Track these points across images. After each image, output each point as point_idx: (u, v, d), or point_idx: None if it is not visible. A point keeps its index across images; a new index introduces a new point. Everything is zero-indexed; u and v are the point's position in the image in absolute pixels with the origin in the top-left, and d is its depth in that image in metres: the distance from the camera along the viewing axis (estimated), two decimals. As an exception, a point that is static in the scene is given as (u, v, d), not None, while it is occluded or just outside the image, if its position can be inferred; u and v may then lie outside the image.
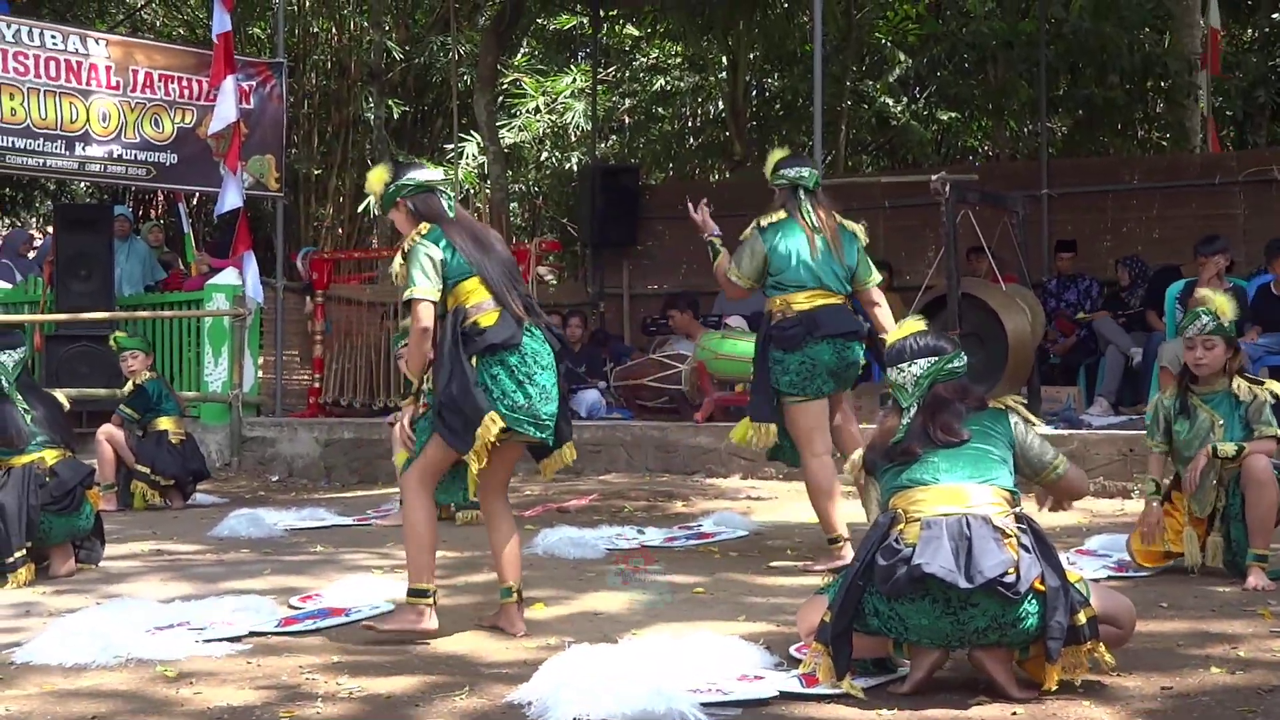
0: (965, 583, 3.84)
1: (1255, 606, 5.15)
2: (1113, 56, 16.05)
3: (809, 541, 7.04)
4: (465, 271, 4.92)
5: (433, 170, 5.27)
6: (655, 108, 20.60)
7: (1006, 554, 3.91)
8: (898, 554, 3.96)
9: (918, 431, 4.22)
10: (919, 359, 4.34)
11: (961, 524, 3.96)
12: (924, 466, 4.14)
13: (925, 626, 3.95)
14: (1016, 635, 3.94)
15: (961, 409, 4.25)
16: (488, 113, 16.58)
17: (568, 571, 6.33)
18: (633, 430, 10.21)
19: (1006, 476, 4.16)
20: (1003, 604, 3.88)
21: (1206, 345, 5.81)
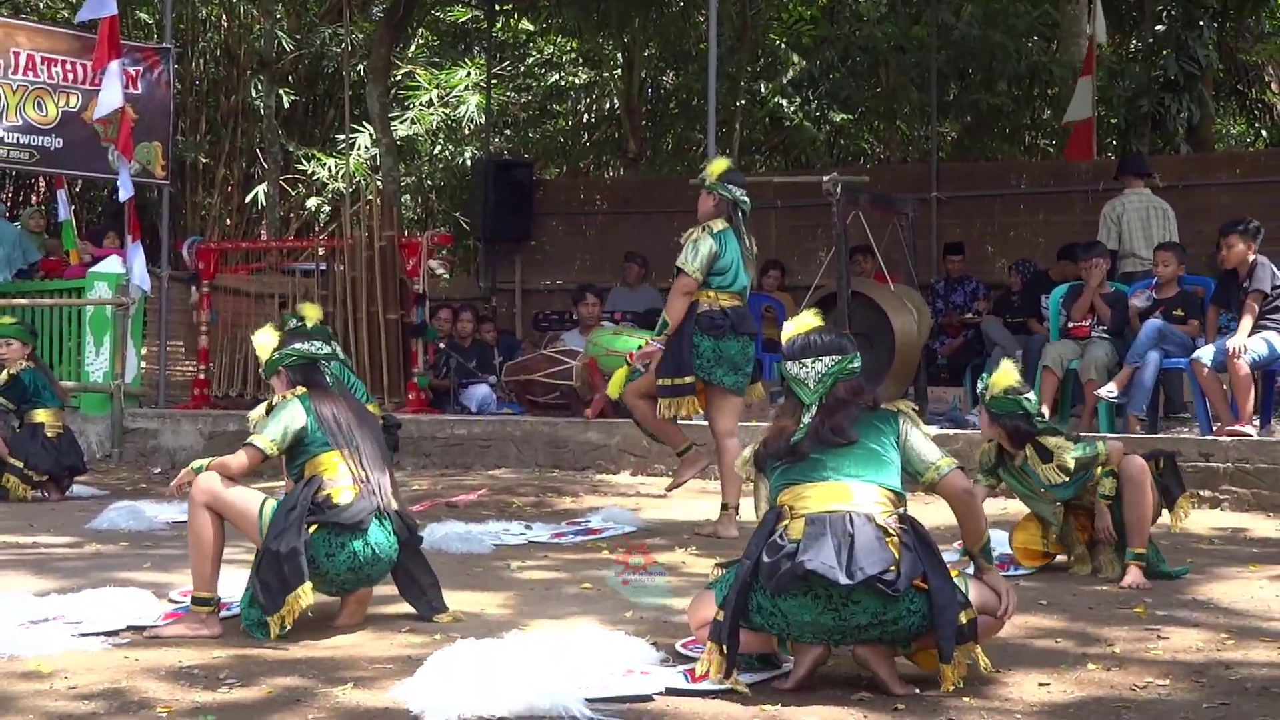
0: (846, 579, 3.86)
1: (1132, 604, 5.26)
2: (1000, 63, 16.33)
3: (697, 539, 7.05)
4: (324, 445, 5.03)
5: (318, 345, 5.32)
6: (550, 103, 20.58)
7: (888, 552, 3.93)
8: (781, 550, 3.97)
9: (811, 431, 4.22)
10: (824, 356, 4.30)
11: (845, 521, 3.98)
12: (811, 464, 4.14)
13: (808, 622, 3.96)
14: (898, 632, 3.98)
15: (855, 410, 4.24)
16: (380, 104, 16.44)
17: (455, 567, 6.29)
18: (523, 426, 10.18)
19: (893, 477, 4.16)
20: (883, 601, 3.91)
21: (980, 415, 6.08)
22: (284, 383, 5.25)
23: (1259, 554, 6.42)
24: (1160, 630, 4.80)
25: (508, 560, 6.49)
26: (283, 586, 4.79)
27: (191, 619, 4.97)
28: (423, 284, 12.00)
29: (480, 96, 18.12)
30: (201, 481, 4.98)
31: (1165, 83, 15.91)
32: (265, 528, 4.90)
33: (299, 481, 5.05)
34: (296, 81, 21.11)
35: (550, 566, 6.32)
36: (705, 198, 7.19)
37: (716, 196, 7.13)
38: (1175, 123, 15.95)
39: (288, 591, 4.78)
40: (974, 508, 4.29)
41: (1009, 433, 5.91)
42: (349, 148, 17.87)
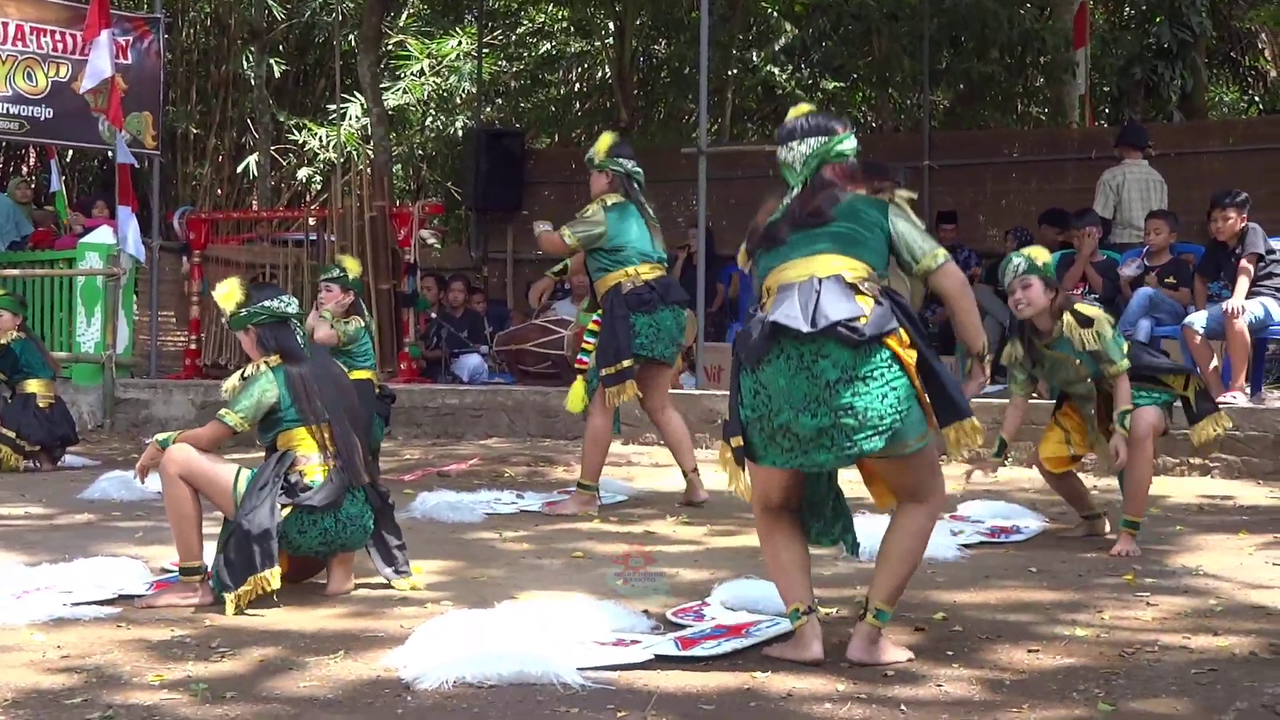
0: (808, 326, 3.80)
1: (1121, 572, 5.27)
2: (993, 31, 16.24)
3: (686, 508, 7.07)
4: (296, 420, 5.03)
5: (286, 299, 5.25)
6: (541, 72, 20.49)
7: (855, 304, 3.85)
8: (754, 318, 3.96)
9: (788, 214, 4.09)
10: (808, 138, 4.15)
11: (813, 282, 3.91)
12: (790, 246, 4.04)
13: (784, 388, 3.88)
14: (871, 403, 3.82)
15: (836, 193, 4.07)
16: (371, 74, 16.34)
17: (446, 536, 6.30)
18: (514, 395, 10.18)
19: (871, 255, 4.01)
20: (853, 353, 3.81)
21: (1024, 285, 5.86)
22: (253, 341, 5.18)
23: (1248, 521, 6.44)
24: (1149, 598, 4.82)
25: (499, 529, 6.50)
26: (248, 567, 4.79)
27: (182, 587, 4.98)
28: (414, 254, 11.98)
29: (471, 66, 18.05)
30: (173, 453, 4.98)
31: (1158, 50, 15.88)
32: (239, 499, 4.91)
33: (271, 453, 5.06)
34: (287, 51, 21.03)
35: (542, 536, 6.33)
36: (597, 177, 7.20)
37: (609, 173, 7.16)
38: (1168, 90, 15.93)
39: (252, 572, 4.79)
40: (971, 303, 4.21)
41: (1052, 301, 5.85)
42: (340, 118, 17.81)
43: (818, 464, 3.93)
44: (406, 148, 19.93)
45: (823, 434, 3.85)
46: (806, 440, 3.88)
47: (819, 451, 3.88)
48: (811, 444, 3.88)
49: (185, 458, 4.97)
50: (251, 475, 4.96)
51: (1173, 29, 15.66)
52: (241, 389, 5.06)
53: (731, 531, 6.27)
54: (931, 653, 4.09)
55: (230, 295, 5.21)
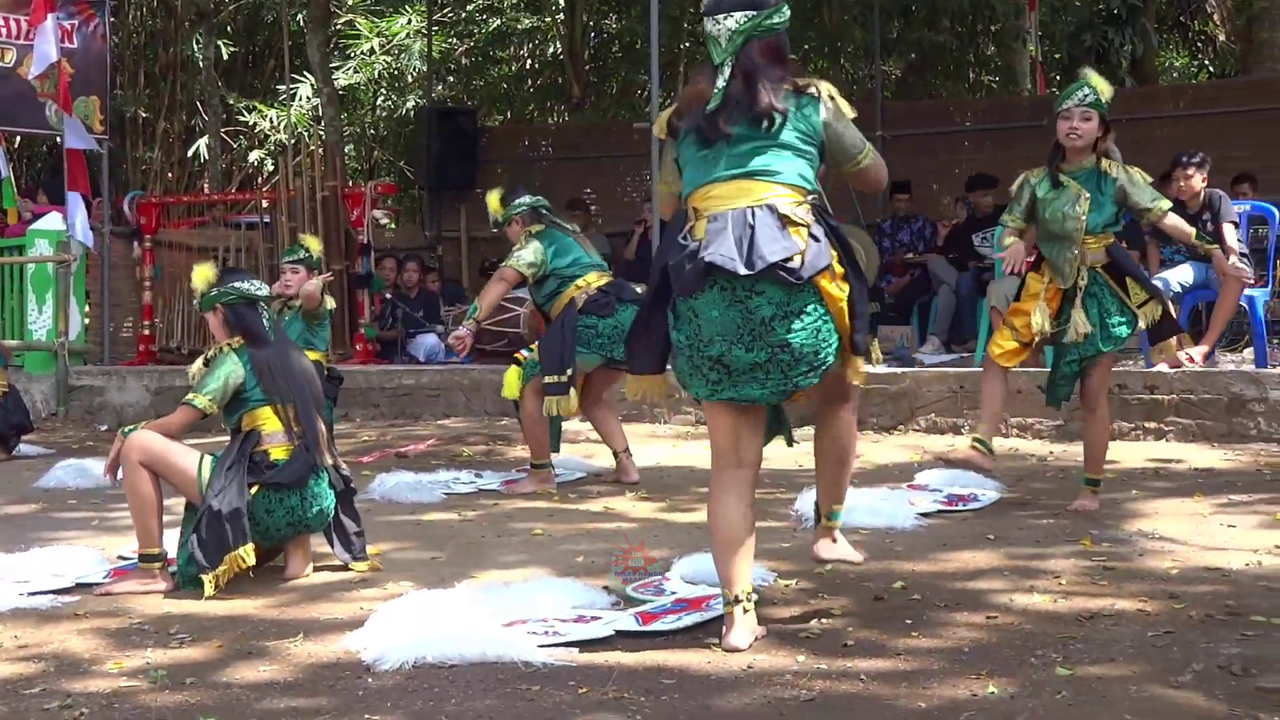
0: (745, 269, 3.79)
1: (1078, 537, 5.31)
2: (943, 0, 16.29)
3: (647, 482, 7.09)
4: (262, 400, 5.05)
5: (256, 283, 5.29)
6: (492, 49, 20.40)
7: (790, 241, 3.83)
8: (685, 249, 3.91)
9: (728, 100, 3.95)
10: (735, 12, 4.00)
11: (747, 214, 3.86)
12: (725, 156, 3.93)
13: (717, 319, 3.87)
14: (805, 336, 3.85)
15: (775, 76, 3.96)
16: (321, 54, 16.25)
17: (405, 516, 6.29)
18: (471, 374, 10.14)
19: (805, 167, 3.96)
20: (787, 291, 3.82)
21: (1084, 116, 5.83)
22: (220, 321, 5.20)
23: (1203, 484, 6.50)
24: (1106, 561, 4.86)
25: (458, 509, 6.50)
26: (221, 546, 4.80)
27: (141, 575, 4.96)
28: (367, 234, 11.92)
29: (422, 44, 17.95)
30: (135, 440, 4.96)
31: (1108, 16, 15.92)
32: (205, 485, 4.90)
33: (235, 434, 5.06)
34: (235, 32, 20.85)
35: (501, 515, 6.32)
36: (509, 229, 7.41)
37: (516, 219, 7.34)
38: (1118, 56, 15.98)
39: (227, 550, 4.80)
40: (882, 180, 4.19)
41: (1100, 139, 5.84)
42: (290, 98, 17.70)
43: (749, 398, 3.95)
44: (358, 127, 19.82)
45: (757, 368, 3.88)
46: (738, 373, 3.90)
47: (751, 385, 3.91)
48: (743, 377, 3.90)
49: (147, 444, 4.95)
50: (215, 460, 4.96)
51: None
52: (207, 372, 5.07)
53: (690, 506, 6.28)
54: (891, 622, 4.11)
55: (202, 275, 5.28)
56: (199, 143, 19.36)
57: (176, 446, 5.01)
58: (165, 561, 4.97)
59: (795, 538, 5.45)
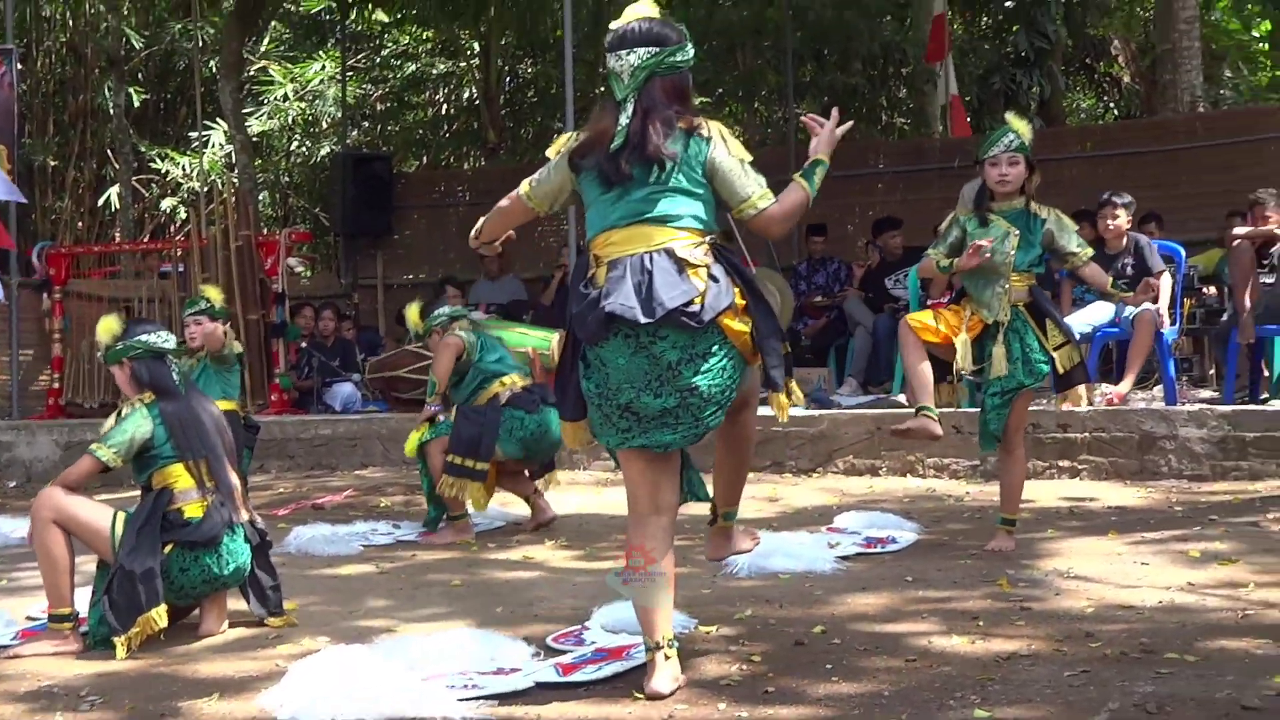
0: (645, 317, 3.80)
1: (995, 577, 5.36)
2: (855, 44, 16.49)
3: (566, 530, 7.07)
4: (172, 456, 4.95)
5: (164, 335, 5.19)
6: (408, 95, 20.39)
7: (689, 284, 3.84)
8: (587, 298, 3.93)
9: (630, 143, 3.92)
10: (639, 47, 3.99)
11: (644, 260, 3.87)
12: (619, 203, 3.94)
13: (624, 365, 3.90)
14: (714, 379, 3.88)
15: (673, 119, 3.94)
16: (234, 100, 16.16)
17: (322, 570, 6.23)
18: (389, 423, 10.09)
19: (700, 209, 3.95)
20: (690, 335, 3.84)
21: (1011, 161, 5.92)
22: (127, 375, 5.11)
23: (1116, 522, 6.58)
24: (1023, 602, 4.90)
25: (376, 561, 6.44)
26: (133, 607, 4.72)
27: (51, 636, 4.87)
28: (282, 283, 11.84)
29: (336, 89, 17.90)
30: (46, 498, 4.87)
31: (1016, 59, 16.22)
32: (117, 543, 4.81)
33: (147, 492, 4.98)
34: (147, 79, 20.68)
35: (419, 567, 6.28)
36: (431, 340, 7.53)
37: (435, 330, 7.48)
38: (1027, 98, 16.27)
39: (139, 612, 4.72)
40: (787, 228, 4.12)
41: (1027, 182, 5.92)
42: (203, 146, 17.54)
43: (662, 444, 3.94)
44: (272, 174, 19.69)
45: (667, 414, 3.89)
46: (648, 420, 3.91)
47: (662, 431, 3.92)
48: (654, 423, 3.91)
49: (59, 503, 4.86)
50: (128, 516, 4.87)
51: (1029, 37, 16.02)
52: (116, 425, 4.98)
53: (611, 554, 6.27)
54: (811, 668, 4.12)
55: (107, 328, 5.16)
56: (110, 191, 19.14)
57: (89, 503, 4.92)
58: (76, 622, 4.88)
59: (715, 584, 5.45)
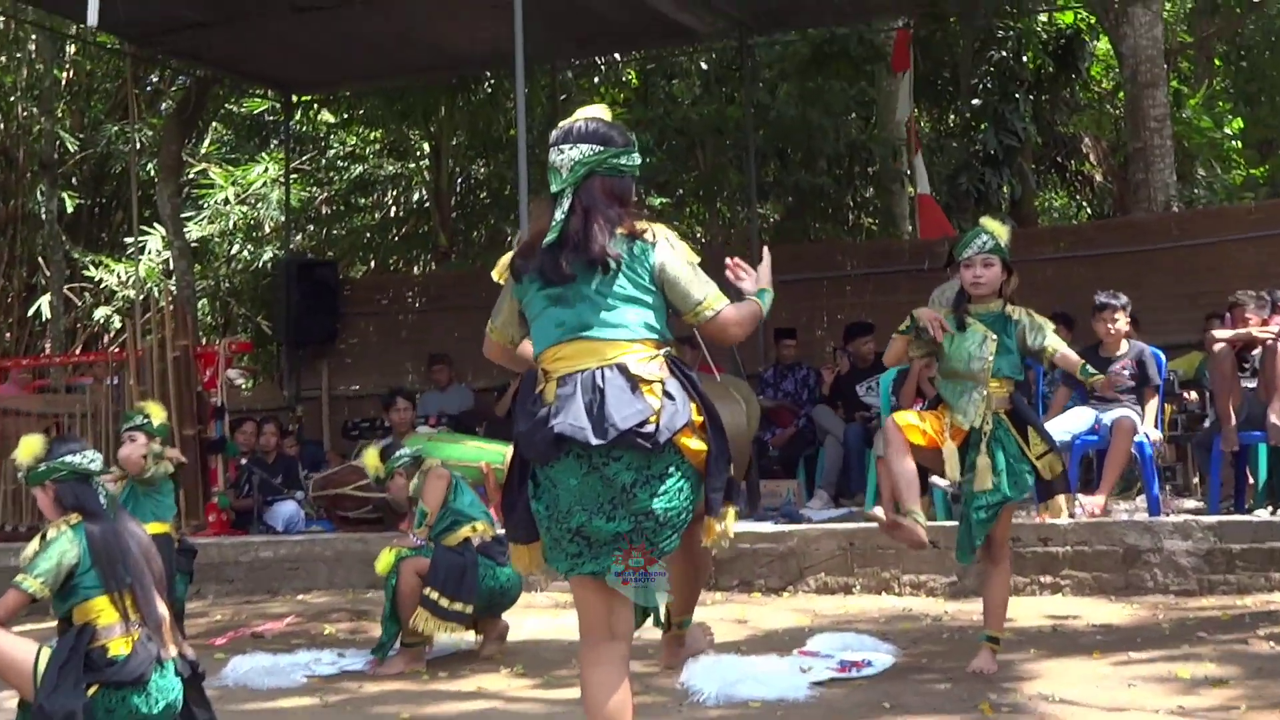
0: (597, 439, 3.77)
1: (977, 701, 5.29)
2: (819, 142, 16.67)
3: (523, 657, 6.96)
4: (96, 587, 4.83)
5: (90, 455, 5.11)
6: (354, 197, 20.45)
7: (643, 403, 3.82)
8: (535, 417, 3.89)
9: (567, 241, 3.93)
10: (582, 144, 4.04)
11: (595, 377, 3.85)
12: (564, 313, 3.93)
13: (576, 487, 3.85)
14: (670, 499, 3.85)
15: (614, 217, 3.94)
16: (172, 205, 16.19)
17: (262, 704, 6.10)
18: (334, 544, 9.96)
19: (651, 316, 3.96)
20: (645, 455, 3.81)
21: (986, 263, 6.02)
22: (50, 498, 5.01)
23: (1101, 641, 6.54)
24: (1006, 729, 4.84)
25: (319, 693, 6.33)
26: None
27: None
28: (221, 396, 11.76)
29: (280, 192, 17.93)
30: None
31: (985, 158, 16.40)
32: (39, 681, 4.69)
33: (68, 626, 4.85)
34: (82, 183, 20.69)
35: (366, 699, 6.17)
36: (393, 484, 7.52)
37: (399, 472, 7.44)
38: (997, 198, 16.44)
39: None
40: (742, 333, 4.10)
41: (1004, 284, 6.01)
42: (139, 252, 17.51)
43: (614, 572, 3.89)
44: (212, 281, 19.66)
45: (620, 538, 3.85)
46: (600, 544, 3.86)
47: (614, 557, 3.86)
48: (606, 548, 3.86)
49: None
50: (53, 653, 4.74)
51: (998, 135, 16.21)
52: (40, 551, 4.84)
53: (569, 682, 6.17)
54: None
55: (29, 449, 5.04)
56: (40, 301, 19.05)
57: (9, 637, 4.80)
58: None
59: (681, 712, 5.37)
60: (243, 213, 19.18)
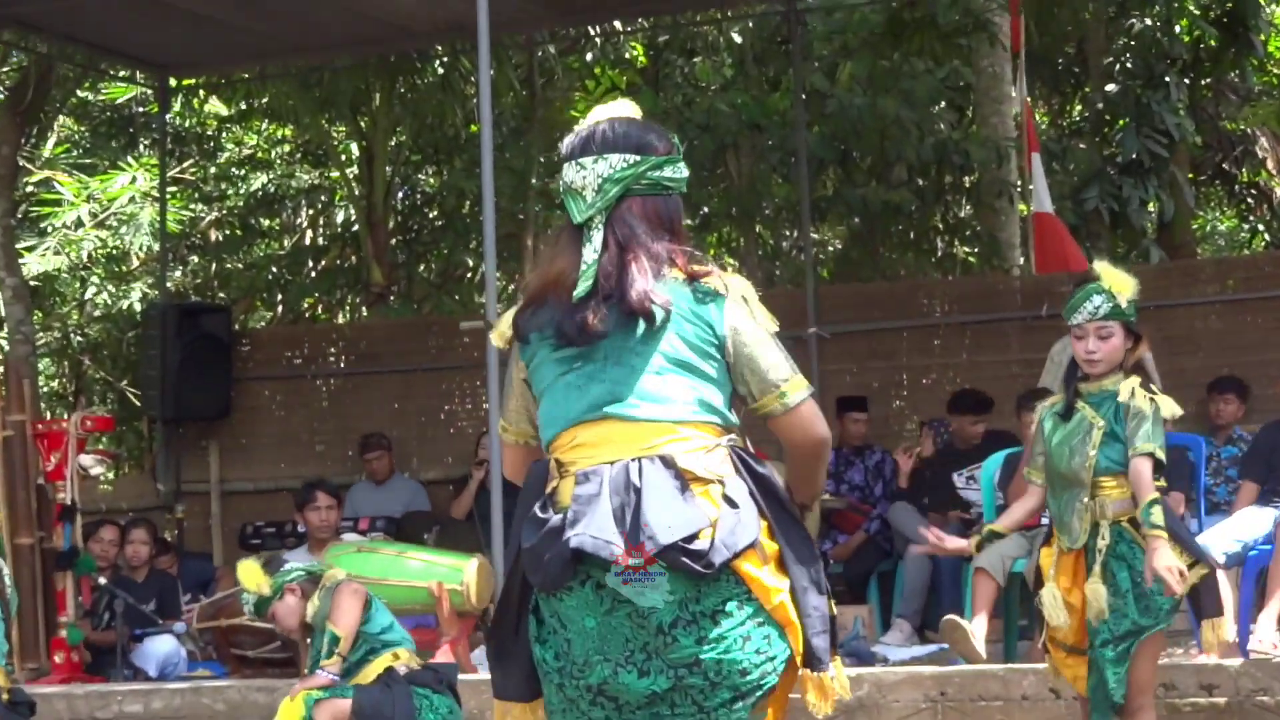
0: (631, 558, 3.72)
1: None
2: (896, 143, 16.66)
3: None
4: None
5: None
6: (255, 217, 20.50)
7: (695, 509, 3.76)
8: (545, 525, 3.82)
9: (606, 284, 3.86)
10: (611, 153, 3.96)
11: (629, 471, 3.77)
12: (590, 383, 3.88)
13: (594, 630, 3.81)
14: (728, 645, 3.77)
15: (660, 248, 3.90)
16: (2, 227, 16.23)
17: None
18: (227, 694, 9.97)
19: (712, 391, 3.89)
20: (695, 584, 3.75)
21: (1102, 334, 6.15)
22: None
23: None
24: None
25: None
26: None
27: None
28: (71, 491, 11.77)
29: (153, 211, 17.97)
30: None
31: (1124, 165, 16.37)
32: None
33: None
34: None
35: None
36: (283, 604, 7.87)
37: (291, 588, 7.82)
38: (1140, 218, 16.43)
39: None
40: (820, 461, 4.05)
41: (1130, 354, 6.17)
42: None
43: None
44: (59, 333, 19.72)
45: (658, 700, 3.80)
46: (631, 709, 3.83)
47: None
48: (640, 714, 3.83)
49: None
50: None
51: (1141, 135, 16.16)
52: None
53: None
54: None
55: None
56: None
57: None
58: None
59: None
60: (101, 239, 19.22)
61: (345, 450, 14.49)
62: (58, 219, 19.29)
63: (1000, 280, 15.64)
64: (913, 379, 14.02)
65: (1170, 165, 16.76)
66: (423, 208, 20.46)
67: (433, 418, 14.83)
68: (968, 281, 16.93)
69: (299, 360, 15.79)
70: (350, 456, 14.22)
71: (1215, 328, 12.84)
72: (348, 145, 19.43)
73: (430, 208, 20.34)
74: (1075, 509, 6.02)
